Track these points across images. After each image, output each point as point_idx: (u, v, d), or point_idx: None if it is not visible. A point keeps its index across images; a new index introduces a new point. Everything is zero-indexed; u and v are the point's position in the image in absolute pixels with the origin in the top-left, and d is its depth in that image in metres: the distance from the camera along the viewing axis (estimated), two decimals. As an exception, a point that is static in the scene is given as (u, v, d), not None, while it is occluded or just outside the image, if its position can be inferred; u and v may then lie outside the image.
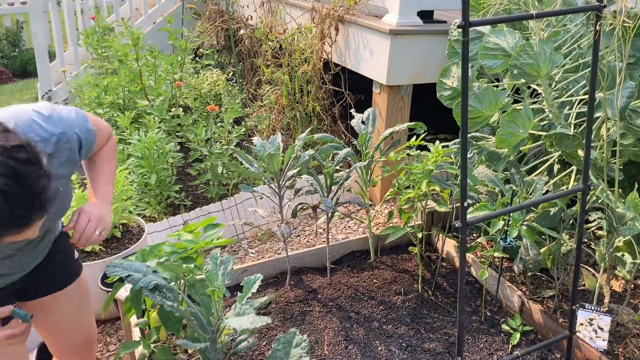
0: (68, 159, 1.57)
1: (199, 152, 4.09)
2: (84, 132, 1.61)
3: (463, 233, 1.80)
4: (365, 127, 3.02)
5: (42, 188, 1.26)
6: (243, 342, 1.75)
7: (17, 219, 1.24)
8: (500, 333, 2.59)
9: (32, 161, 1.25)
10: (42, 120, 1.50)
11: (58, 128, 1.52)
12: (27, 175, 1.23)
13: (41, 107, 1.55)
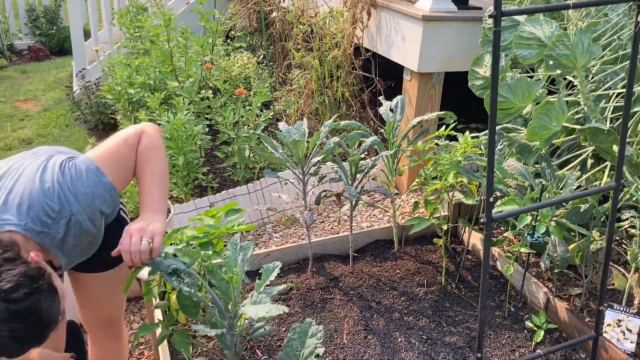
0: (81, 234, 1.60)
1: (226, 135, 4.09)
2: (99, 197, 1.60)
3: (488, 229, 1.75)
4: (394, 115, 2.97)
5: (43, 314, 1.33)
6: (260, 329, 1.74)
7: (31, 345, 1.35)
8: (523, 330, 2.54)
9: (31, 292, 1.31)
10: (53, 202, 1.52)
11: (66, 211, 1.54)
12: (27, 312, 1.30)
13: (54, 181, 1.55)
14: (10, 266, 1.32)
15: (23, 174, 1.57)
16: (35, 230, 1.49)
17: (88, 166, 1.61)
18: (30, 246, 1.50)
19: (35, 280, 1.33)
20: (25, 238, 1.48)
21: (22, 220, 1.47)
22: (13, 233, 1.46)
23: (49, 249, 1.55)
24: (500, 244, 2.82)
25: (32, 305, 1.31)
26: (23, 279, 1.31)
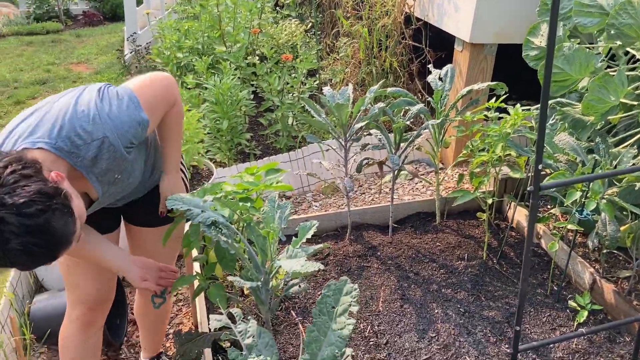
0: (114, 157, 1.62)
1: (270, 102, 4.08)
2: (133, 127, 1.62)
3: (534, 198, 1.68)
4: (442, 84, 2.89)
5: (56, 231, 1.36)
6: (295, 286, 1.74)
7: (43, 260, 1.38)
8: (566, 309, 2.46)
9: (44, 209, 1.33)
10: (87, 123, 1.54)
11: (100, 133, 1.56)
12: (39, 228, 1.32)
13: (90, 104, 1.57)
14: (26, 182, 1.34)
15: (60, 100, 1.60)
16: (65, 150, 1.51)
17: (130, 96, 1.63)
18: (61, 167, 1.52)
19: (50, 198, 1.35)
20: (55, 157, 1.51)
21: (53, 140, 1.50)
22: (44, 151, 1.49)
23: (80, 170, 1.57)
24: (546, 221, 2.73)
25: (44, 222, 1.33)
26: (37, 196, 1.33)
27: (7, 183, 1.31)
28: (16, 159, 1.37)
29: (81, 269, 1.98)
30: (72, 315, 2.05)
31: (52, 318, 2.68)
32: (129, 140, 1.62)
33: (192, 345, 1.82)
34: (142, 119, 1.63)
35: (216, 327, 1.47)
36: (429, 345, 2.25)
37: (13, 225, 1.29)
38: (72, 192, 1.47)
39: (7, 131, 1.58)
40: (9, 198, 1.29)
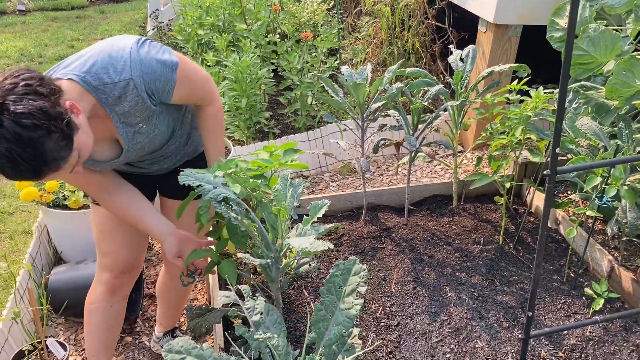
0: (137, 104, 1.67)
1: (290, 81, 4.06)
2: (161, 83, 1.67)
3: (551, 182, 1.65)
4: (463, 65, 2.83)
5: (45, 150, 1.39)
6: (305, 265, 1.73)
7: (26, 174, 1.41)
8: (581, 296, 2.42)
9: (40, 126, 1.37)
10: (118, 63, 1.61)
11: (127, 74, 1.61)
12: (30, 140, 1.36)
13: (126, 47, 1.63)
14: (35, 97, 1.39)
15: (105, 40, 1.67)
16: (92, 85, 1.58)
17: (170, 57, 1.69)
18: (87, 101, 1.59)
19: (50, 119, 1.39)
20: (83, 90, 1.58)
21: (83, 73, 1.58)
22: (73, 82, 1.57)
23: (104, 107, 1.63)
24: (565, 207, 2.67)
25: (37, 138, 1.37)
26: (38, 112, 1.38)
27: (17, 93, 1.36)
28: (38, 77, 1.43)
29: (113, 237, 2.07)
30: (100, 279, 2.15)
31: (70, 290, 2.73)
32: (153, 91, 1.66)
33: (202, 320, 1.83)
34: (171, 79, 1.68)
35: (225, 303, 1.47)
36: (441, 328, 2.24)
37: (6, 130, 1.34)
38: (83, 128, 1.52)
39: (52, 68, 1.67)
40: (12, 105, 1.35)
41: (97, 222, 2.10)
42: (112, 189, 1.89)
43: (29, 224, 3.57)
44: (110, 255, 2.12)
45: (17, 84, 1.40)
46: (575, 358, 2.12)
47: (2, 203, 3.81)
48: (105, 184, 1.87)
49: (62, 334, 2.77)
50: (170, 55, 1.70)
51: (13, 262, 3.23)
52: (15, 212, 3.73)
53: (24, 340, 2.58)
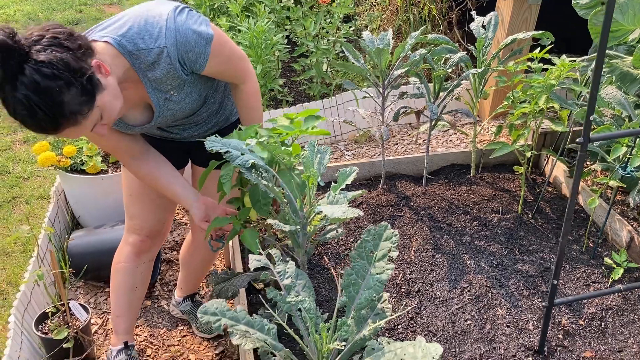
0: (169, 72, 1.67)
1: (305, 47, 4.01)
2: (194, 54, 1.67)
3: (583, 149, 1.64)
4: (485, 32, 2.78)
5: (63, 102, 1.39)
6: (332, 232, 1.73)
7: (44, 124, 1.41)
8: (601, 266, 2.43)
9: (60, 77, 1.36)
10: (154, 29, 1.61)
11: (162, 42, 1.61)
12: (47, 89, 1.36)
13: (163, 14, 1.63)
14: (59, 49, 1.39)
15: (142, 4, 1.67)
16: (127, 49, 1.59)
17: (207, 29, 1.68)
18: (120, 64, 1.60)
19: (71, 72, 1.40)
20: (117, 53, 1.59)
21: (119, 37, 1.58)
22: (108, 45, 1.58)
23: (137, 72, 1.64)
24: (586, 177, 2.67)
25: (54, 88, 1.37)
26: (59, 62, 1.38)
27: (43, 43, 1.37)
28: (68, 32, 1.43)
29: (142, 201, 2.10)
30: (127, 240, 2.19)
31: (89, 254, 2.75)
32: (185, 61, 1.66)
33: (228, 285, 1.85)
34: (205, 52, 1.67)
35: (256, 267, 1.48)
36: (461, 295, 2.25)
37: (26, 77, 1.34)
38: (110, 89, 1.53)
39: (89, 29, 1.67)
40: (35, 54, 1.36)
41: (127, 185, 2.12)
42: (140, 156, 1.90)
43: (44, 189, 3.58)
44: (138, 220, 2.16)
45: (44, 36, 1.40)
46: (595, 326, 2.13)
47: (17, 168, 3.82)
48: (134, 150, 1.88)
49: (81, 297, 2.80)
50: (207, 28, 1.68)
51: (31, 227, 3.25)
52: (30, 177, 3.74)
53: (46, 302, 2.62)
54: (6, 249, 3.10)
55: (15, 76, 1.36)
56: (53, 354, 2.27)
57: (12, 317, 2.29)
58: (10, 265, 2.97)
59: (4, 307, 2.72)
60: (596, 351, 2.03)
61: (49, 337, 2.29)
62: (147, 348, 2.53)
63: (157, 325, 2.65)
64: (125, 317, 2.32)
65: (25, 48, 1.37)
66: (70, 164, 2.94)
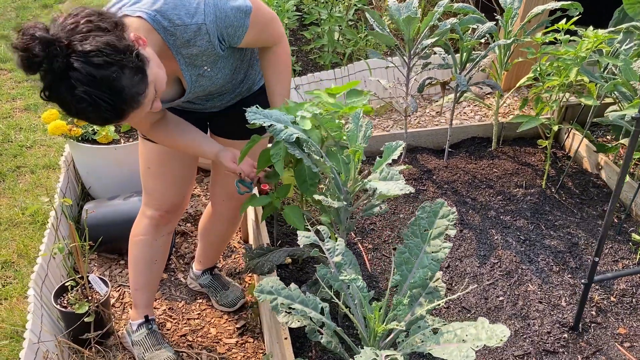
0: (206, 49, 1.61)
1: (316, 15, 3.90)
2: (233, 28, 1.60)
3: (639, 125, 1.59)
4: (512, 2, 2.71)
5: (123, 87, 1.34)
6: (376, 207, 1.68)
7: (109, 115, 1.37)
8: (628, 242, 2.42)
9: (112, 62, 1.31)
10: (191, 5, 1.53)
11: (200, 18, 1.54)
12: (104, 79, 1.31)
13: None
14: (99, 33, 1.33)
15: None
16: (162, 25, 1.52)
17: (246, 1, 1.61)
18: (154, 40, 1.53)
19: (119, 53, 1.34)
20: (151, 29, 1.52)
21: (153, 12, 1.50)
22: (142, 20, 1.50)
23: (171, 50, 1.58)
24: (614, 151, 2.64)
25: (110, 75, 1.32)
26: (106, 47, 1.32)
27: (81, 31, 1.31)
28: (97, 13, 1.36)
29: (162, 175, 2.03)
30: (145, 213, 2.12)
31: (103, 226, 2.68)
32: (224, 37, 1.60)
33: (264, 260, 1.80)
34: (244, 25, 1.61)
35: (305, 244, 1.43)
36: (492, 271, 2.23)
37: (79, 73, 1.29)
38: (153, 59, 1.46)
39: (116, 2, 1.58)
40: (79, 45, 1.29)
41: (145, 158, 2.04)
42: (160, 121, 1.83)
43: (49, 158, 3.48)
44: (157, 194, 2.09)
45: (79, 22, 1.33)
46: (626, 302, 2.13)
47: (20, 136, 3.71)
48: (155, 117, 1.81)
49: (96, 269, 2.74)
50: (247, 2, 1.61)
51: (37, 197, 3.16)
52: (34, 145, 3.63)
53: (61, 275, 2.56)
54: (14, 219, 3.02)
55: (66, 73, 1.29)
56: (74, 328, 2.22)
57: (31, 290, 2.23)
58: (20, 236, 2.90)
59: (16, 279, 2.66)
60: (629, 327, 2.03)
61: (69, 310, 2.23)
62: (166, 322, 2.50)
63: (176, 298, 2.61)
64: (145, 290, 2.27)
65: (65, 40, 1.29)
66: (82, 132, 2.84)
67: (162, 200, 2.09)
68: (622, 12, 3.29)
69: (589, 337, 1.99)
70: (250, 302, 2.56)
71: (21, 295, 2.55)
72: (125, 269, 2.72)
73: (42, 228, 2.92)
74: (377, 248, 2.35)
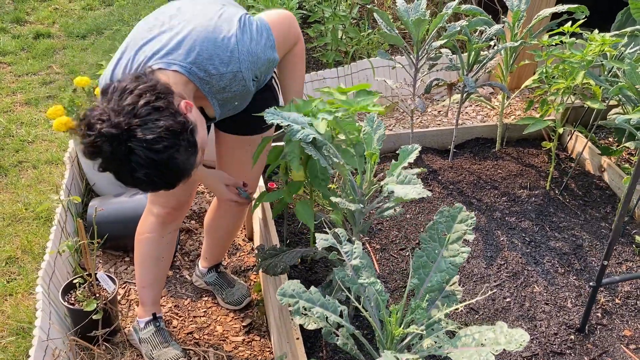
0: (240, 91, 1.67)
1: (320, 13, 3.90)
2: (266, 67, 1.68)
3: (651, 132, 1.61)
4: (518, 4, 2.72)
5: (178, 165, 1.43)
6: (390, 210, 1.70)
7: (163, 188, 1.49)
8: (631, 244, 2.45)
9: (170, 146, 1.39)
10: (225, 54, 1.57)
11: (235, 67, 1.59)
12: (163, 162, 1.40)
13: (230, 35, 1.58)
14: (157, 116, 1.39)
15: (196, 17, 1.59)
16: (198, 76, 1.56)
17: (268, 33, 1.66)
18: (189, 90, 1.58)
19: (176, 136, 1.40)
20: (187, 81, 1.56)
21: (188, 64, 1.54)
22: (178, 74, 1.54)
23: (206, 95, 1.62)
24: (618, 154, 2.67)
25: (169, 158, 1.40)
26: (166, 133, 1.39)
27: (141, 115, 1.37)
28: (150, 88, 1.40)
29: None
30: (152, 211, 2.14)
31: (107, 223, 2.68)
32: (257, 75, 1.66)
33: (277, 261, 1.81)
34: (275, 59, 1.69)
35: (323, 247, 1.44)
36: (498, 272, 2.25)
37: (141, 158, 1.37)
38: (199, 120, 1.53)
39: (138, 44, 1.60)
40: (140, 131, 1.36)
41: None
42: None
43: (51, 154, 3.46)
44: (160, 195, 2.08)
45: (136, 104, 1.38)
46: (631, 305, 2.16)
47: (21, 131, 3.68)
48: None
49: (101, 266, 2.74)
50: (268, 33, 1.66)
51: (40, 193, 3.15)
52: (35, 140, 3.61)
53: (67, 272, 2.55)
54: (17, 214, 3.00)
55: (127, 157, 1.36)
56: (82, 325, 2.22)
57: (39, 287, 2.22)
58: (24, 232, 2.89)
59: (21, 274, 2.65)
60: (634, 329, 2.06)
61: (77, 308, 2.23)
62: (172, 319, 2.50)
63: (181, 296, 2.61)
64: (151, 288, 2.27)
65: (125, 125, 1.35)
66: (87, 129, 2.83)
67: (168, 198, 2.09)
68: (624, 14, 3.32)
69: (595, 338, 2.01)
70: (256, 300, 2.57)
71: (26, 291, 2.55)
72: (131, 265, 2.72)
73: (45, 224, 2.91)
74: (385, 249, 2.36)
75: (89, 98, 2.99)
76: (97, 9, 5.43)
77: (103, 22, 5.13)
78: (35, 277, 2.42)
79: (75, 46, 4.73)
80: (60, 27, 5.04)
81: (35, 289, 2.23)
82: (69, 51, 4.65)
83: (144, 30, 1.63)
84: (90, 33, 4.96)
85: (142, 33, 1.62)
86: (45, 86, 4.18)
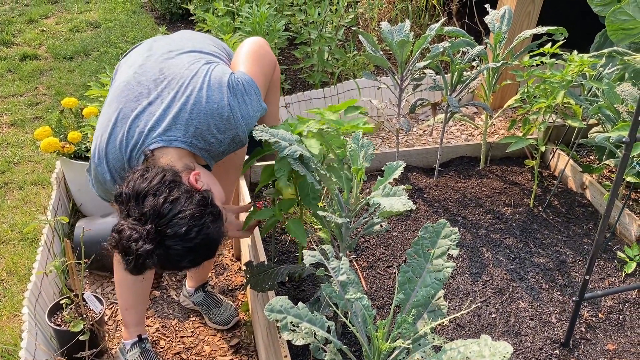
0: (236, 148, 1.76)
1: (306, 34, 3.96)
2: (257, 119, 1.75)
3: (628, 149, 1.66)
4: (500, 26, 2.80)
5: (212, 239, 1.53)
6: (376, 226, 1.72)
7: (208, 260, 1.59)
8: (613, 259, 2.49)
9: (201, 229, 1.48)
10: (221, 122, 1.65)
11: (232, 132, 1.68)
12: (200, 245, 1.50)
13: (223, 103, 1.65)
14: (179, 208, 1.46)
15: (185, 86, 1.66)
16: (198, 147, 1.65)
17: (255, 90, 1.73)
18: (191, 157, 1.67)
19: (202, 217, 1.48)
20: (189, 153, 1.65)
21: (188, 139, 1.63)
22: (179, 149, 1.63)
23: (206, 159, 1.71)
24: (599, 172, 2.72)
25: (203, 239, 1.49)
26: (193, 220, 1.47)
27: (164, 214, 1.44)
28: (161, 183, 1.47)
29: None
30: None
31: (94, 243, 2.67)
32: (251, 129, 1.73)
33: (265, 277, 1.82)
34: (264, 109, 1.76)
35: (311, 262, 1.46)
36: (484, 289, 2.28)
37: (179, 251, 1.47)
38: (210, 182, 1.64)
39: (129, 115, 1.64)
40: (170, 230, 1.44)
41: None
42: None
43: (37, 175, 3.46)
44: None
45: (156, 205, 1.44)
46: (614, 319, 2.19)
47: (7, 152, 3.67)
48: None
49: (87, 287, 2.73)
50: (255, 90, 1.73)
51: (26, 214, 3.14)
52: (21, 161, 3.61)
53: (54, 293, 2.54)
54: (2, 236, 2.99)
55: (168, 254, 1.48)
56: (68, 346, 2.21)
57: (25, 308, 2.21)
58: (9, 253, 2.87)
59: (6, 296, 2.63)
60: (617, 344, 2.09)
61: (64, 329, 2.22)
62: (160, 340, 2.49)
63: (168, 316, 2.60)
64: (135, 309, 2.26)
65: (154, 232, 1.43)
66: (75, 150, 2.84)
67: None
68: (602, 36, 3.41)
69: (579, 353, 2.04)
70: (243, 320, 2.56)
71: (11, 313, 2.52)
72: (118, 286, 2.71)
73: (31, 245, 2.90)
74: (372, 266, 2.38)
75: (77, 119, 3.00)
76: (84, 31, 5.45)
77: (90, 43, 5.15)
78: (21, 298, 2.41)
79: (62, 68, 4.74)
80: (47, 49, 5.06)
81: (21, 311, 2.22)
82: (55, 73, 4.67)
83: (130, 99, 1.67)
84: (77, 55, 4.98)
85: (129, 103, 1.66)
86: (32, 107, 4.18)
